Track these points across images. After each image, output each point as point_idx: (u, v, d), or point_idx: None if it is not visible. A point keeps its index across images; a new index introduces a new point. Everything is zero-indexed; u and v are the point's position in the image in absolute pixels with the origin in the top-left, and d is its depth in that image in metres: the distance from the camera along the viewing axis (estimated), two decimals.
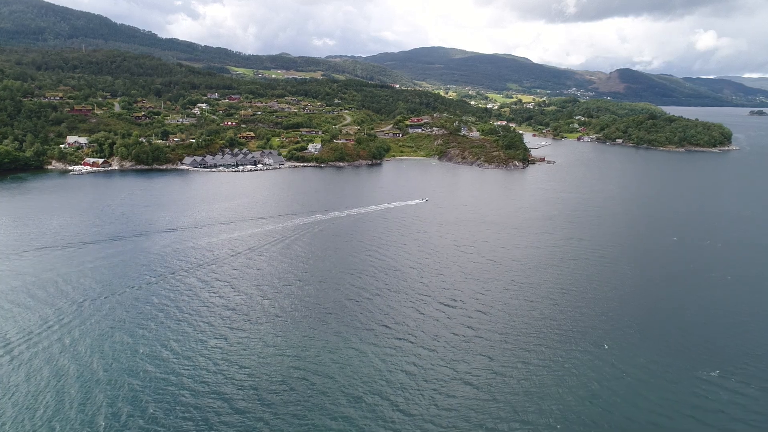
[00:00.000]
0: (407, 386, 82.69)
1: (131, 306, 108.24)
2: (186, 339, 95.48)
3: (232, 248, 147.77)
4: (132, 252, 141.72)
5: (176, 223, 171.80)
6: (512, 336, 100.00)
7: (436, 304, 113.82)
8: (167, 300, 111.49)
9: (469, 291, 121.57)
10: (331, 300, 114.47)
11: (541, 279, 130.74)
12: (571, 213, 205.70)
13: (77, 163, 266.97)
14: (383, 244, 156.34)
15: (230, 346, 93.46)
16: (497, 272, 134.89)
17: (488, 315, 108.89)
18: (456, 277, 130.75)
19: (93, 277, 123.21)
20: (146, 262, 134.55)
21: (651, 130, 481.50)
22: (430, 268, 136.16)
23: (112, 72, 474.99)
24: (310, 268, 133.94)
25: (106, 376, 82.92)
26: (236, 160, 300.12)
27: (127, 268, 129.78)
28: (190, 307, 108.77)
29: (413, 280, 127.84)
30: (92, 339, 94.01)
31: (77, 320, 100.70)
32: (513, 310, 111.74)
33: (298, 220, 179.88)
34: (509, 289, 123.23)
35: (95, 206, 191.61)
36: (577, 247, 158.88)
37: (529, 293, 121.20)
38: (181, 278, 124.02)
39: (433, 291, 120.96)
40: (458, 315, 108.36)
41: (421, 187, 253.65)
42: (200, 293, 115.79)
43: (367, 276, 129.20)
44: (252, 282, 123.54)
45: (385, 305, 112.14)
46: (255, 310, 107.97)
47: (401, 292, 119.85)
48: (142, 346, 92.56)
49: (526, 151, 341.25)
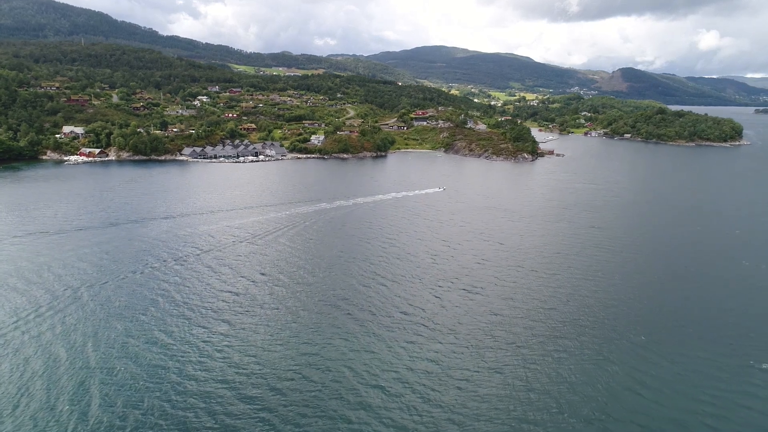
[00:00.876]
0: (432, 374, 73.96)
1: (129, 291, 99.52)
2: (188, 325, 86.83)
3: (235, 235, 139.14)
4: (128, 238, 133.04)
5: (175, 211, 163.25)
6: (541, 323, 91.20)
7: (456, 290, 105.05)
8: (168, 285, 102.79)
9: (490, 278, 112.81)
10: (343, 285, 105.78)
11: (565, 267, 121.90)
12: (588, 203, 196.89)
13: (73, 153, 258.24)
14: (395, 232, 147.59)
15: (236, 332, 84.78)
16: (517, 259, 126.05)
17: (513, 301, 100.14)
18: (474, 264, 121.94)
19: (89, 261, 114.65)
20: (144, 248, 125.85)
21: (660, 124, 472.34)
22: (446, 255, 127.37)
23: (111, 65, 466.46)
24: (319, 254, 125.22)
25: (101, 364, 74.33)
26: (237, 152, 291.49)
27: (124, 253, 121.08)
28: (192, 292, 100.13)
29: (429, 266, 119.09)
30: (87, 325, 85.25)
31: (72, 306, 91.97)
32: (539, 297, 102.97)
33: (303, 209, 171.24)
34: (533, 277, 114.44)
35: (90, 194, 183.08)
36: (598, 236, 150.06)
37: (554, 281, 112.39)
38: (182, 264, 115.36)
39: (452, 277, 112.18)
40: (481, 301, 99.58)
41: (432, 177, 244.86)
42: (203, 278, 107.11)
43: (381, 262, 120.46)
44: (258, 267, 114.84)
45: (402, 291, 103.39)
46: (262, 295, 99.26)
47: (417, 278, 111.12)
48: (141, 332, 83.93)
49: (534, 144, 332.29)
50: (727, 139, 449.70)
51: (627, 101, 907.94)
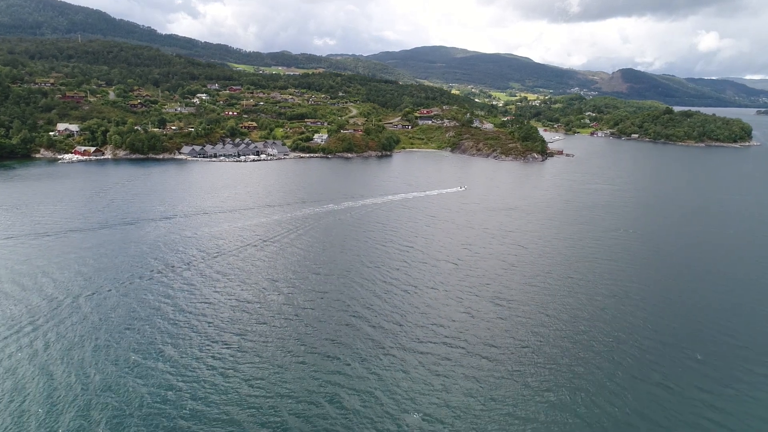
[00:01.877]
0: (474, 398, 64.52)
1: (133, 300, 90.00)
2: (197, 338, 77.43)
3: (238, 238, 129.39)
4: (122, 242, 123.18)
5: (174, 212, 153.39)
6: (583, 339, 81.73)
7: (485, 300, 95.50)
8: (164, 297, 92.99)
9: (518, 286, 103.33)
10: (363, 293, 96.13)
11: (596, 274, 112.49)
12: (607, 204, 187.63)
13: (67, 151, 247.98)
14: (411, 234, 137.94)
15: (249, 347, 75.45)
16: (544, 266, 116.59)
17: (547, 314, 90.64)
18: (500, 270, 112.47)
19: (88, 265, 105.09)
20: (138, 252, 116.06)
21: (668, 124, 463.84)
22: (468, 260, 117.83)
23: (109, 62, 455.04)
24: (332, 259, 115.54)
25: (103, 385, 65.13)
26: (238, 150, 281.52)
27: (116, 259, 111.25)
28: (200, 300, 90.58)
29: (452, 273, 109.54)
30: (71, 344, 75.57)
31: (53, 321, 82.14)
32: (575, 308, 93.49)
33: (310, 210, 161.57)
34: (564, 285, 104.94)
35: (85, 194, 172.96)
36: (625, 239, 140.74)
37: (588, 290, 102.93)
38: (188, 269, 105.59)
39: (478, 285, 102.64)
40: (513, 316, 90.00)
41: (444, 177, 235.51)
42: (210, 286, 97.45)
43: (396, 270, 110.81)
44: (268, 273, 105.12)
45: (422, 304, 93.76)
46: (269, 309, 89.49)
47: (438, 288, 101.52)
48: (147, 347, 74.58)
49: (544, 144, 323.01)
50: (737, 139, 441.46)
51: (629, 102, 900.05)
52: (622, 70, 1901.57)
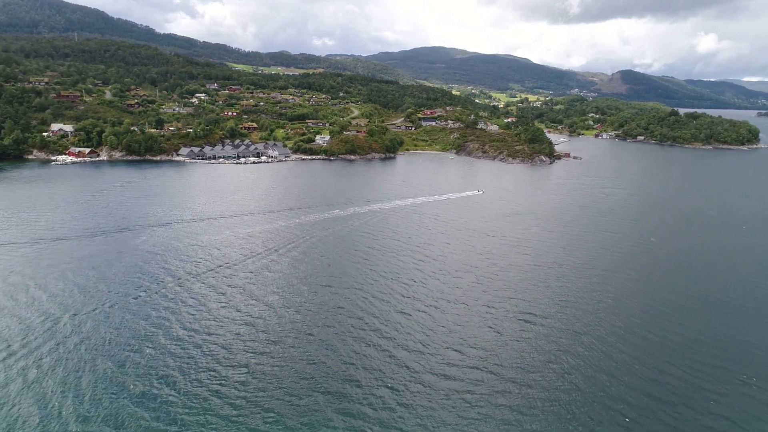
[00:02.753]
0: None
1: (122, 322, 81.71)
2: (195, 368, 69.41)
3: (242, 247, 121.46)
4: (118, 251, 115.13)
5: (173, 217, 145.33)
6: (628, 364, 74.14)
7: (512, 319, 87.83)
8: (167, 313, 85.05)
9: (545, 303, 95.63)
10: (378, 312, 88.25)
11: (627, 289, 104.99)
12: (625, 209, 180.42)
13: (61, 153, 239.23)
14: (424, 243, 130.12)
15: (253, 379, 67.38)
16: (570, 279, 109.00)
17: (582, 335, 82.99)
18: (524, 284, 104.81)
19: (73, 281, 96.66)
20: (138, 263, 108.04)
21: (674, 126, 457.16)
22: (488, 272, 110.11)
23: (106, 61, 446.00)
24: (341, 273, 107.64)
25: (85, 429, 56.88)
26: (238, 152, 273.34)
27: (115, 270, 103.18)
28: (196, 323, 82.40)
29: (472, 287, 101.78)
30: (67, 371, 67.87)
31: (50, 342, 74.43)
32: (613, 329, 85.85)
33: (315, 216, 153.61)
34: (594, 302, 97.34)
35: (77, 198, 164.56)
36: (652, 249, 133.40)
37: (623, 309, 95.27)
38: (185, 285, 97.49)
39: (502, 301, 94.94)
40: (545, 335, 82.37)
41: (452, 180, 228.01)
42: (208, 304, 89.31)
43: (413, 282, 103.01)
44: (272, 289, 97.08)
45: (446, 321, 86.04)
46: (280, 328, 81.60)
47: (460, 303, 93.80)
48: (134, 380, 66.40)
49: (551, 146, 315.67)
50: (744, 142, 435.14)
51: (631, 103, 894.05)
52: (622, 72, 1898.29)
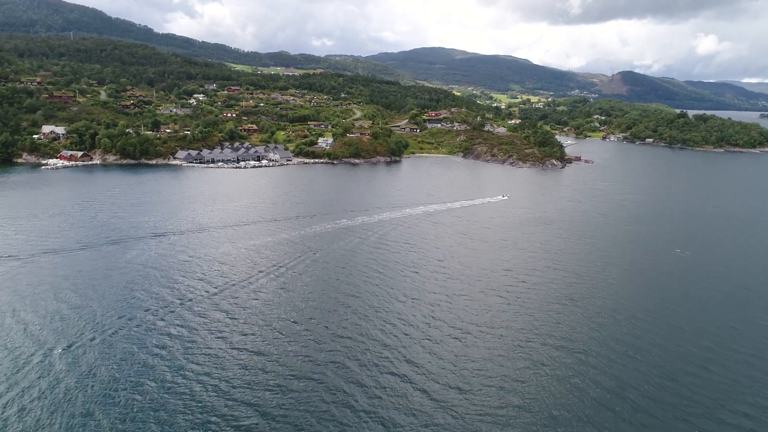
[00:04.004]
0: None
1: (102, 360, 70.32)
2: (202, 413, 58.09)
3: (243, 263, 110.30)
4: (105, 268, 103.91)
5: (167, 227, 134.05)
6: (696, 404, 63.20)
7: (551, 351, 76.71)
8: (157, 349, 73.82)
9: (583, 331, 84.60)
10: (398, 345, 76.86)
11: (677, 319, 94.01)
12: (649, 219, 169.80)
13: (52, 156, 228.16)
14: (443, 258, 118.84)
15: (270, 427, 56.32)
16: (605, 300, 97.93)
17: (634, 372, 71.98)
18: (554, 305, 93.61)
19: (49, 307, 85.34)
20: (125, 283, 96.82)
21: (683, 129, 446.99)
22: (515, 292, 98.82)
23: (102, 60, 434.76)
24: (354, 293, 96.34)
25: None
26: (237, 155, 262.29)
27: (98, 292, 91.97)
28: (191, 360, 71.14)
29: (502, 309, 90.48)
30: (38, 423, 56.48)
31: (30, 389, 63.21)
32: (669, 363, 74.92)
33: (322, 227, 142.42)
34: (638, 330, 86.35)
35: (64, 206, 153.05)
36: (687, 264, 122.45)
37: (677, 339, 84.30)
38: (176, 311, 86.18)
39: (535, 329, 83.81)
40: (591, 373, 71.33)
41: (462, 185, 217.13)
42: (206, 337, 77.86)
43: (437, 306, 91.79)
44: (279, 315, 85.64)
45: (480, 356, 74.86)
46: (291, 366, 70.21)
47: (492, 331, 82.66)
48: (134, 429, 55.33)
49: (562, 149, 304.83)
50: (755, 144, 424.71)
51: (635, 104, 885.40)
52: (622, 73, 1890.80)
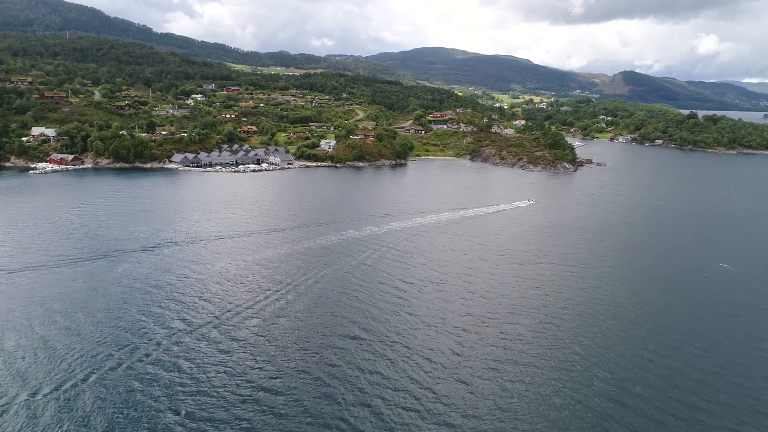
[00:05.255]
0: None
1: (87, 409, 59.51)
2: None
3: (244, 283, 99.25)
4: (89, 289, 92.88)
5: (159, 239, 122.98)
6: None
7: (596, 389, 65.76)
8: (148, 399, 62.83)
9: (634, 369, 73.70)
10: (426, 381, 65.88)
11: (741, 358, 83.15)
12: (676, 228, 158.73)
13: (41, 159, 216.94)
14: (465, 274, 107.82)
15: None
16: (651, 330, 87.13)
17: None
18: (598, 338, 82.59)
19: (24, 340, 74.46)
20: (114, 306, 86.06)
21: (694, 130, 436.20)
22: (547, 315, 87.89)
23: (98, 60, 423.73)
24: (372, 318, 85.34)
25: None
26: (236, 158, 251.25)
27: (82, 318, 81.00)
28: (190, 416, 60.16)
29: (534, 337, 79.51)
30: None
31: None
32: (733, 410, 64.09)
33: (327, 238, 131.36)
34: (699, 369, 75.52)
35: (49, 214, 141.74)
36: (731, 283, 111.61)
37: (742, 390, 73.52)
38: (169, 348, 75.16)
39: (575, 361, 72.89)
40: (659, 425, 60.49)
41: (472, 191, 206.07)
42: (205, 382, 66.99)
43: (464, 332, 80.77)
44: (287, 344, 74.79)
45: (520, 392, 63.91)
46: (305, 407, 59.23)
47: (529, 364, 71.72)
48: None
49: (573, 152, 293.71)
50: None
51: (639, 105, 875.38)
52: (624, 73, 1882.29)
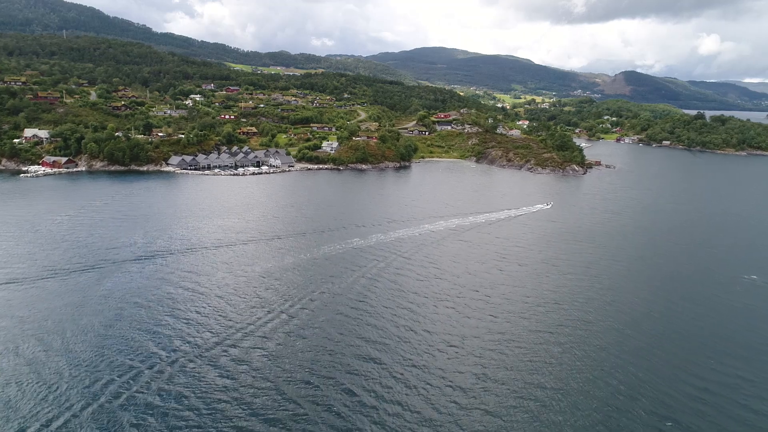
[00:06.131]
0: None
1: None
2: None
3: (246, 296, 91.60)
4: (77, 304, 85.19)
5: (153, 248, 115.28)
6: None
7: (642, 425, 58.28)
8: (149, 425, 55.31)
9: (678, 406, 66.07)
10: (455, 420, 58.48)
11: None
12: (697, 234, 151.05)
13: (34, 162, 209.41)
14: (481, 286, 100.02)
15: None
16: (695, 360, 79.52)
17: None
18: (646, 369, 74.97)
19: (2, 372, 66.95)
20: (101, 326, 78.37)
21: (702, 130, 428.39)
22: (573, 336, 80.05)
23: (95, 59, 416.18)
24: (386, 340, 77.67)
25: None
26: (235, 161, 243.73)
27: (64, 343, 73.32)
28: None
29: (567, 360, 71.76)
30: None
31: None
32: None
33: (330, 247, 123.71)
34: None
35: (36, 220, 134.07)
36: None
37: None
38: (166, 379, 67.50)
39: (623, 390, 65.20)
40: None
41: (481, 196, 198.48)
42: (210, 412, 59.37)
43: (487, 356, 73.12)
44: (296, 372, 66.94)
45: (556, 425, 56.38)
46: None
47: (562, 386, 64.00)
48: None
49: (582, 154, 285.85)
50: None
51: (643, 105, 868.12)
52: (625, 73, 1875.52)
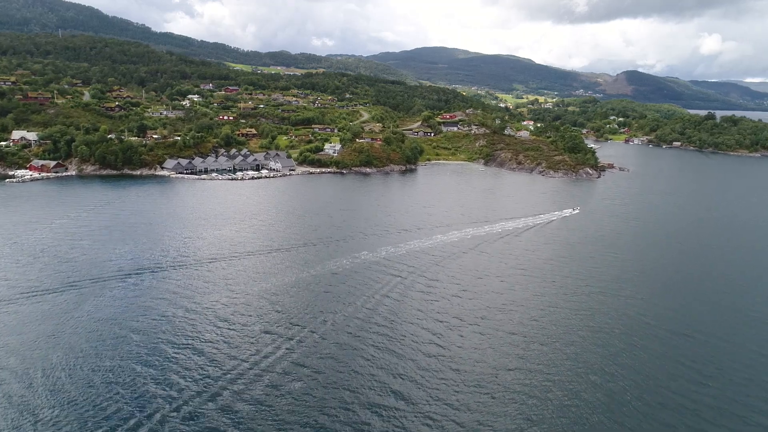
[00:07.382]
0: None
1: None
2: None
3: (247, 323, 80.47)
4: (50, 333, 74.15)
5: (141, 262, 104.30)
6: None
7: None
8: None
9: None
10: None
11: None
12: (735, 245, 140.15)
13: (21, 166, 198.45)
14: (504, 306, 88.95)
15: None
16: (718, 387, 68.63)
17: None
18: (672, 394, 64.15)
19: None
20: (80, 359, 67.30)
21: (713, 131, 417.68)
22: (614, 364, 69.13)
23: (91, 59, 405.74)
24: (409, 376, 66.62)
25: None
26: (234, 164, 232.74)
27: (34, 380, 62.32)
28: None
29: (619, 390, 60.74)
30: None
31: None
32: None
33: (337, 262, 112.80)
34: None
35: (16, 231, 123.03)
36: None
37: None
38: (189, 417, 56.56)
39: None
40: None
41: (494, 201, 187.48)
42: None
43: (527, 400, 62.12)
44: (310, 418, 56.26)
45: None
46: None
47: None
48: None
49: (595, 156, 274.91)
50: None
51: (647, 105, 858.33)
52: (627, 72, 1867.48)
